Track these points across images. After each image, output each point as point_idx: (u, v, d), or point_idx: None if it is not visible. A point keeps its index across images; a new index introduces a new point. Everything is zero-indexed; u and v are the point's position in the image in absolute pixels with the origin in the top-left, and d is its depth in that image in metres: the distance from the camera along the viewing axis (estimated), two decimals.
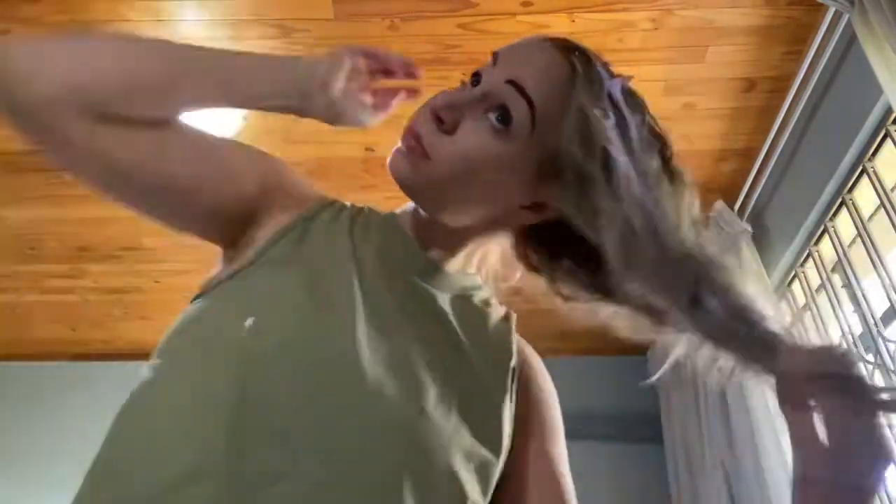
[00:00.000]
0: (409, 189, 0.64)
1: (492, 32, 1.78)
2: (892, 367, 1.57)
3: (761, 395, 1.86)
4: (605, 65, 0.68)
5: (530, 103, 0.60)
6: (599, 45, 1.82)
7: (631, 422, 2.92)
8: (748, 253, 2.08)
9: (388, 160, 0.65)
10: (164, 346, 0.61)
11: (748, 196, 2.19)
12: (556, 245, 0.69)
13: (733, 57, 1.86)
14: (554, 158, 0.61)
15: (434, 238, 0.69)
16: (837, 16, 1.65)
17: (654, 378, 0.76)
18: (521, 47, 0.65)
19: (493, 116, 0.61)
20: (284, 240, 0.65)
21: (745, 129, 2.06)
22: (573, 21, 1.76)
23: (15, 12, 1.74)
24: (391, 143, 0.64)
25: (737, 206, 2.23)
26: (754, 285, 0.58)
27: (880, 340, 1.62)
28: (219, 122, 1.95)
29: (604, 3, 1.73)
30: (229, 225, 0.68)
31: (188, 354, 0.58)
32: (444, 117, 0.61)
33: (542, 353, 0.82)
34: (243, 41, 1.81)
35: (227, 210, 0.67)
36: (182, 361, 0.58)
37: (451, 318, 0.68)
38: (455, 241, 0.69)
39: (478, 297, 0.73)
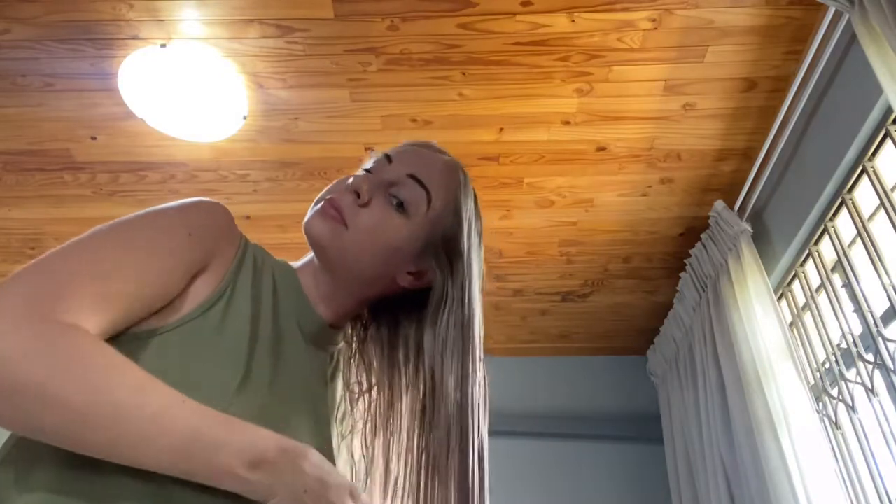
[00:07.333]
0: (323, 250, 0.77)
1: (492, 32, 1.79)
2: (892, 367, 1.57)
3: (761, 395, 1.86)
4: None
5: (427, 192, 0.79)
6: (599, 45, 1.82)
7: (631, 422, 2.92)
8: (748, 253, 2.08)
9: (307, 222, 0.76)
10: None
11: (748, 196, 2.19)
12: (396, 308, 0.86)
13: (733, 57, 1.86)
14: (439, 239, 0.81)
15: (328, 295, 0.80)
16: (837, 16, 1.65)
17: None
18: (411, 149, 0.84)
19: (395, 200, 0.78)
20: (212, 311, 0.68)
21: (745, 129, 2.06)
22: (573, 21, 1.76)
23: (14, 12, 1.74)
24: (392, 143, 0.65)
25: (737, 206, 2.23)
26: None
27: (880, 340, 1.62)
28: (218, 122, 1.95)
29: (604, 3, 1.73)
30: None
31: None
32: (362, 193, 0.76)
33: (542, 353, 0.85)
34: (243, 41, 1.81)
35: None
36: None
37: (327, 380, 0.81)
38: (348, 300, 0.81)
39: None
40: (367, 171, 0.81)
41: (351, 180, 0.78)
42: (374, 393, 0.83)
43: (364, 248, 0.76)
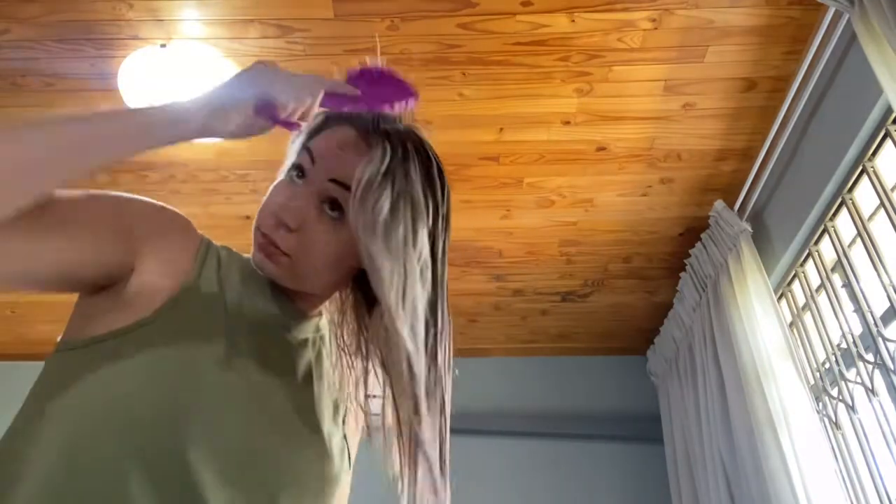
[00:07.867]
0: (280, 279, 0.77)
1: (492, 32, 1.79)
2: (892, 367, 1.57)
3: (761, 395, 1.86)
4: (393, 119, 0.84)
5: (353, 193, 0.74)
6: (599, 45, 1.82)
7: (631, 422, 2.92)
8: (748, 253, 2.08)
9: (253, 259, 0.76)
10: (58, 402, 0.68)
11: (748, 196, 2.20)
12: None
13: (733, 57, 1.86)
14: None
15: (301, 292, 0.81)
16: (837, 16, 1.65)
17: None
18: (331, 141, 0.81)
19: (327, 208, 0.75)
20: (179, 304, 0.70)
21: (745, 129, 2.06)
22: (573, 21, 1.76)
23: (14, 12, 1.74)
24: None
25: (737, 206, 2.23)
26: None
27: (880, 340, 1.62)
28: None
29: (604, 3, 1.73)
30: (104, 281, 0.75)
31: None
32: (290, 223, 0.74)
33: (541, 353, 0.84)
34: (243, 41, 1.81)
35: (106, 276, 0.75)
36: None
37: (311, 364, 0.80)
38: (319, 294, 0.83)
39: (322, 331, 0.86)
40: (297, 168, 0.80)
41: (275, 207, 0.77)
42: (368, 351, 0.83)
43: (316, 267, 0.76)
